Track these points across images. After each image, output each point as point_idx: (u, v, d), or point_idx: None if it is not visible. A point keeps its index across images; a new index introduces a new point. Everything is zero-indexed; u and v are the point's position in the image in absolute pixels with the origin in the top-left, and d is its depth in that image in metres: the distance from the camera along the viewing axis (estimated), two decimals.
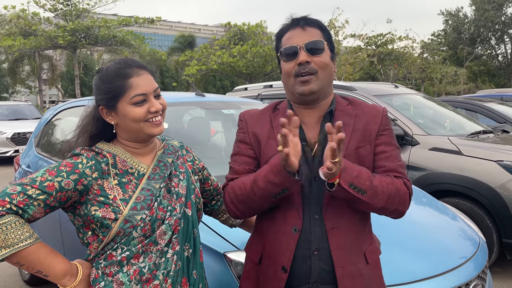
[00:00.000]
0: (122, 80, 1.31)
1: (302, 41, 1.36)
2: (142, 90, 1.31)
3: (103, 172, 1.31)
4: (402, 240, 2.15)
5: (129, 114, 1.31)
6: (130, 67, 1.34)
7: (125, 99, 1.31)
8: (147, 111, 1.32)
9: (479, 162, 3.75)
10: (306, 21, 1.40)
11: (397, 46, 23.64)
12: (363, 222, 1.42)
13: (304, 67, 1.34)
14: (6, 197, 1.18)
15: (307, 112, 1.42)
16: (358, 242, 1.38)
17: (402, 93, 5.15)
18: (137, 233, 1.27)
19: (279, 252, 1.36)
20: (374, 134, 1.40)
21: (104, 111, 1.36)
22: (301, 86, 1.35)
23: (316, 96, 1.38)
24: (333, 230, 1.33)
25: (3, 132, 11.08)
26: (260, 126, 1.46)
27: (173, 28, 69.17)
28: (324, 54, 1.37)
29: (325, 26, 1.43)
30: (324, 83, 1.37)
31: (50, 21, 19.24)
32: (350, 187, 1.24)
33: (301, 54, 1.35)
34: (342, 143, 1.14)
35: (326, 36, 1.40)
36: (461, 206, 3.70)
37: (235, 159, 1.49)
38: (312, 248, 1.33)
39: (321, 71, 1.35)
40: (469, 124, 4.88)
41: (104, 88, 1.33)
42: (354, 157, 1.35)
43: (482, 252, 2.30)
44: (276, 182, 1.26)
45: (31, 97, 38.91)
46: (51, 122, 3.93)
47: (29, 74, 29.66)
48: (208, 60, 20.08)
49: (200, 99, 3.35)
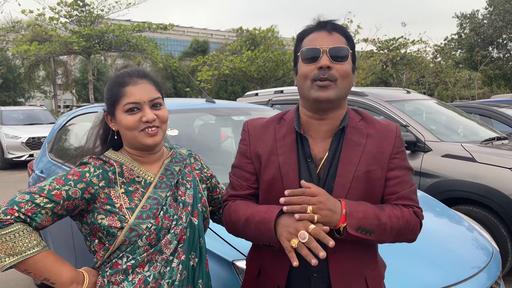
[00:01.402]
0: (119, 88, 1.35)
1: (326, 44, 1.28)
2: (134, 99, 1.33)
3: (110, 181, 1.32)
4: (414, 250, 2.11)
5: (122, 121, 1.34)
6: (130, 76, 1.37)
7: (119, 107, 1.34)
8: (139, 120, 1.33)
9: (493, 169, 3.68)
10: (333, 25, 1.32)
11: (410, 50, 23.47)
12: (367, 247, 1.36)
13: (324, 72, 1.26)
14: (15, 205, 1.20)
15: (316, 124, 1.35)
16: (360, 267, 1.33)
17: (414, 99, 5.10)
18: (142, 242, 1.27)
19: (276, 271, 1.34)
20: (387, 157, 1.33)
21: (108, 118, 1.41)
22: (318, 91, 1.27)
23: (331, 105, 1.30)
24: (335, 255, 1.28)
25: (18, 136, 11.28)
26: (263, 139, 1.40)
27: (185, 34, 69.76)
28: (347, 63, 1.29)
29: (351, 35, 1.36)
30: (342, 93, 1.29)
31: (66, 27, 19.56)
32: (358, 231, 1.21)
33: (323, 58, 1.27)
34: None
35: (350, 45, 1.33)
36: (474, 214, 3.64)
37: (234, 172, 1.46)
38: (313, 269, 1.29)
39: (341, 79, 1.28)
40: (483, 130, 4.81)
41: (106, 95, 1.39)
42: (364, 181, 1.29)
43: (496, 262, 2.25)
44: (264, 236, 1.26)
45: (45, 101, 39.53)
46: (65, 128, 3.98)
47: (44, 79, 30.18)
48: (220, 65, 20.20)
49: (210, 105, 3.36)
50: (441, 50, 25.16)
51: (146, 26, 20.06)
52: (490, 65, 25.36)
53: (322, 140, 1.35)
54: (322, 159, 1.32)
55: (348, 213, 1.19)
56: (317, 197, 1.18)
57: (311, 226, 1.15)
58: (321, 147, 1.34)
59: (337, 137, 1.34)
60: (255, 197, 1.42)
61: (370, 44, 21.53)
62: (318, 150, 1.34)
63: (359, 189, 1.29)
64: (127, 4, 19.83)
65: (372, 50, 22.48)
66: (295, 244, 1.15)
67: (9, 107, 14.43)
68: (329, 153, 1.32)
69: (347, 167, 1.30)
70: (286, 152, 1.34)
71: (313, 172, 1.32)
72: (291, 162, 1.32)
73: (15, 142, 11.19)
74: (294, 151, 1.34)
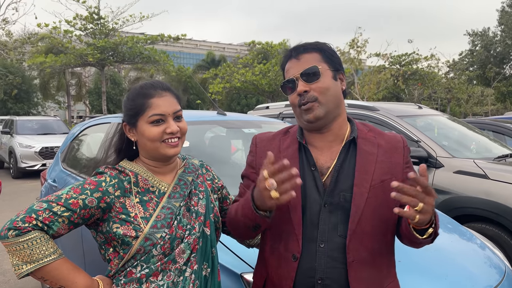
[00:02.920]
0: (144, 99, 1.37)
1: (297, 71, 1.35)
2: (160, 111, 1.36)
3: (125, 191, 1.34)
4: (425, 266, 2.10)
5: (145, 132, 1.36)
6: (154, 88, 1.39)
7: (144, 118, 1.36)
8: (163, 132, 1.36)
9: (506, 187, 3.63)
10: (297, 50, 1.38)
11: (421, 66, 23.43)
12: (385, 257, 1.37)
13: (303, 97, 1.34)
14: (33, 213, 1.23)
15: (319, 137, 1.40)
16: (379, 277, 1.33)
17: (426, 114, 5.08)
18: (156, 251, 1.29)
19: (281, 280, 1.34)
20: (400, 167, 1.36)
21: (127, 128, 1.43)
22: (305, 114, 1.34)
23: (324, 122, 1.36)
24: (354, 263, 1.28)
25: (31, 146, 11.43)
26: (268, 150, 1.41)
27: (198, 47, 70.62)
28: (322, 78, 1.34)
29: (326, 46, 1.40)
30: (329, 107, 1.34)
31: (81, 39, 19.96)
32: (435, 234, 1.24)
33: (299, 84, 1.35)
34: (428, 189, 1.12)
35: (325, 56, 1.37)
36: (487, 232, 3.58)
37: (244, 181, 1.52)
38: (316, 277, 1.29)
39: (321, 96, 1.33)
40: (496, 147, 4.76)
41: (128, 106, 1.40)
42: (380, 190, 1.31)
43: (508, 281, 2.21)
44: (251, 215, 1.26)
45: (59, 112, 40.14)
46: (78, 138, 4.05)
47: (58, 90, 30.70)
48: (231, 78, 20.37)
49: (222, 117, 3.39)
50: (454, 66, 25.08)
51: (159, 38, 20.36)
52: (503, 81, 25.17)
53: (328, 150, 1.38)
54: (329, 168, 1.34)
55: (435, 213, 1.21)
56: (429, 197, 1.13)
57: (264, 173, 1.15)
58: (327, 156, 1.37)
59: (346, 147, 1.37)
60: None
61: (382, 59, 21.56)
62: (324, 160, 1.36)
63: (376, 198, 1.30)
64: (140, 18, 20.18)
65: (384, 65, 22.49)
66: (276, 194, 1.14)
67: (24, 117, 14.66)
68: (337, 162, 1.34)
69: (363, 176, 1.31)
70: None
71: (318, 180, 1.33)
72: None
73: (28, 151, 11.34)
74: (296, 160, 1.37)
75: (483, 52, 25.38)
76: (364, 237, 1.29)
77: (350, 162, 1.34)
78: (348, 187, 1.31)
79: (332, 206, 1.31)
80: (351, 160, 1.35)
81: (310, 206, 1.32)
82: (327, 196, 1.31)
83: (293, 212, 1.32)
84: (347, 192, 1.31)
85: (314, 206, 1.32)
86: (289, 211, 1.32)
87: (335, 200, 1.31)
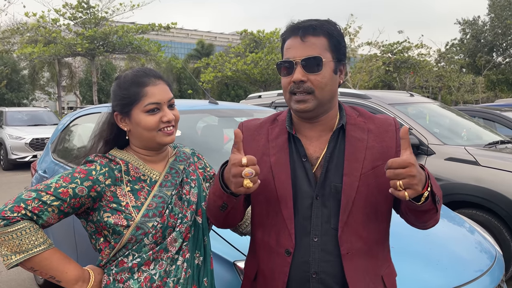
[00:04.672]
0: (138, 87, 1.34)
1: (299, 55, 1.23)
2: (156, 99, 1.33)
3: (116, 179, 1.32)
4: (417, 252, 2.11)
5: (142, 121, 1.33)
6: (148, 76, 1.36)
7: (139, 107, 1.33)
8: (159, 120, 1.34)
9: (496, 173, 3.67)
10: (306, 30, 1.24)
11: (413, 54, 23.46)
12: (381, 245, 1.33)
13: (298, 86, 1.23)
14: (21, 203, 1.20)
15: (308, 126, 1.32)
16: (375, 266, 1.29)
17: (417, 102, 5.10)
18: (148, 240, 1.28)
19: (274, 274, 1.29)
20: (393, 151, 1.28)
21: (119, 117, 1.39)
22: (296, 104, 1.25)
23: (313, 114, 1.28)
24: (348, 255, 1.24)
25: (22, 137, 11.32)
26: (255, 140, 1.37)
27: (189, 36, 69.98)
28: (323, 71, 1.23)
29: (335, 30, 1.27)
30: (323, 101, 1.26)
31: (70, 29, 19.64)
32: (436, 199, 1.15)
33: (296, 71, 1.23)
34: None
35: (333, 44, 1.25)
36: (477, 218, 3.62)
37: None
38: (311, 271, 1.25)
39: (318, 90, 1.23)
40: (487, 134, 4.80)
41: (120, 95, 1.36)
42: (372, 177, 1.25)
43: (499, 266, 2.24)
44: (220, 196, 1.23)
45: (49, 103, 39.69)
46: (68, 128, 4.00)
47: (48, 81, 30.29)
48: (223, 67, 20.24)
49: (214, 106, 3.36)
50: (445, 55, 25.17)
51: (149, 28, 20.11)
52: (493, 70, 25.33)
53: (317, 139, 1.31)
54: (318, 158, 1.29)
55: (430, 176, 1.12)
56: (408, 169, 1.06)
57: (243, 159, 1.11)
58: (316, 146, 1.31)
59: (335, 135, 1.31)
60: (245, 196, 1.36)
61: (374, 47, 21.54)
62: (314, 149, 1.30)
63: (368, 186, 1.25)
64: (131, 6, 19.89)
65: (376, 53, 22.47)
66: (250, 184, 1.11)
67: (13, 108, 14.48)
68: (327, 151, 1.28)
69: (353, 165, 1.26)
70: (277, 152, 1.32)
71: (309, 171, 1.28)
72: (282, 163, 1.30)
73: (18, 143, 11.23)
74: (286, 151, 1.31)
75: (472, 41, 25.50)
76: (358, 227, 1.25)
77: (339, 150, 1.29)
78: (339, 177, 1.26)
79: (324, 198, 1.26)
80: (341, 148, 1.29)
81: (302, 199, 1.27)
82: (318, 188, 1.26)
83: (283, 205, 1.27)
84: (338, 183, 1.26)
85: (306, 198, 1.27)
86: (279, 203, 1.27)
87: (327, 191, 1.26)
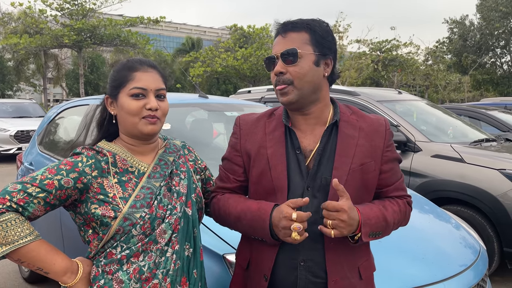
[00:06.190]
0: (128, 71, 1.36)
1: (279, 50, 1.31)
2: (141, 84, 1.34)
3: (103, 171, 1.32)
4: (402, 246, 2.14)
5: (124, 105, 1.34)
6: (141, 63, 1.38)
7: (125, 90, 1.35)
8: (142, 107, 1.33)
9: (481, 170, 3.74)
10: (285, 27, 1.33)
11: (401, 52, 23.65)
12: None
13: (279, 78, 1.32)
14: (7, 195, 1.20)
15: (302, 119, 1.38)
16: (354, 257, 1.36)
17: (405, 99, 5.15)
18: (136, 231, 1.27)
19: (262, 260, 1.37)
20: (380, 151, 1.37)
21: (109, 101, 1.41)
22: (280, 96, 1.34)
23: (298, 105, 1.34)
24: (331, 245, 1.32)
25: (6, 129, 11.14)
26: (253, 133, 1.44)
27: (178, 30, 69.38)
28: (300, 62, 1.29)
29: (319, 26, 1.33)
30: (304, 92, 1.31)
31: (57, 20, 19.33)
32: (370, 236, 1.28)
33: (277, 64, 1.32)
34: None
35: (314, 38, 1.31)
36: (462, 214, 3.69)
37: (224, 164, 1.51)
38: (299, 258, 1.32)
39: (297, 81, 1.30)
40: (472, 132, 4.87)
41: (111, 77, 1.39)
42: (359, 173, 1.33)
43: (483, 260, 2.29)
44: (258, 234, 1.31)
45: (35, 95, 39.06)
46: (54, 120, 3.95)
47: (34, 73, 29.77)
48: (212, 62, 20.16)
49: (203, 100, 3.35)
50: (433, 53, 25.40)
51: (138, 21, 19.91)
52: (479, 69, 25.68)
53: (311, 133, 1.37)
54: (311, 151, 1.35)
55: (362, 223, 1.24)
56: (339, 213, 1.20)
57: (293, 215, 1.20)
58: (310, 139, 1.37)
59: (329, 130, 1.37)
60: (242, 189, 1.48)
61: (363, 45, 21.65)
62: (308, 143, 1.36)
63: (355, 181, 1.32)
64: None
65: (364, 51, 22.58)
66: (297, 237, 1.20)
67: None
68: (320, 145, 1.34)
69: (343, 159, 1.33)
70: (274, 144, 1.38)
71: (301, 163, 1.34)
72: (279, 154, 1.36)
73: (3, 135, 11.06)
74: (282, 143, 1.37)
75: (459, 41, 25.81)
76: None
77: (332, 145, 1.35)
78: (329, 170, 1.33)
79: (315, 189, 1.32)
80: (333, 143, 1.35)
81: (294, 190, 1.33)
82: (309, 180, 1.32)
83: (279, 195, 1.33)
84: (328, 175, 1.32)
85: (297, 189, 1.33)
86: (275, 194, 1.34)
87: (317, 183, 1.32)
